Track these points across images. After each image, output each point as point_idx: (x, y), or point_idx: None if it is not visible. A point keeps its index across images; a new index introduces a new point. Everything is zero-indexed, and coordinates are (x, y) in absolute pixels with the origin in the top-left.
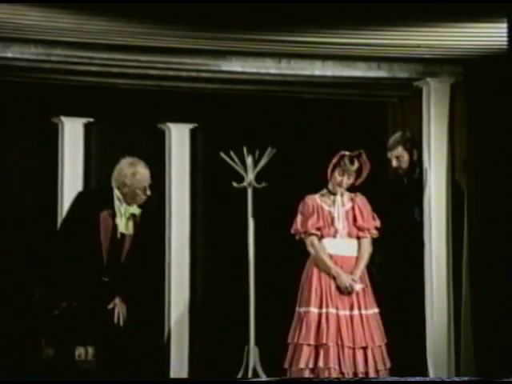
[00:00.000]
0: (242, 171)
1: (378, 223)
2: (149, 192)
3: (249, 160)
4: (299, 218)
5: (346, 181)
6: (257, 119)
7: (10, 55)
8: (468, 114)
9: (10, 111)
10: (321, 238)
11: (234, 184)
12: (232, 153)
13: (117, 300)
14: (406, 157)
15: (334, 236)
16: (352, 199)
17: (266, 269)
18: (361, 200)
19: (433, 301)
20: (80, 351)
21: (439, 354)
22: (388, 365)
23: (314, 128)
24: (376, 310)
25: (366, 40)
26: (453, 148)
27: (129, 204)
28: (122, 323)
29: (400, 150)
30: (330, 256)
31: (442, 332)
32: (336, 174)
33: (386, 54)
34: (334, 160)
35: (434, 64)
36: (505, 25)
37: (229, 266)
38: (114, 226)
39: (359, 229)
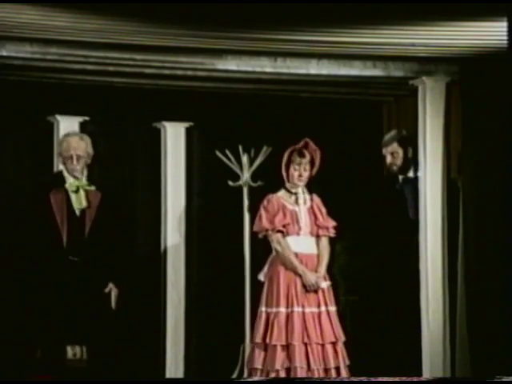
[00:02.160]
0: (237, 170)
1: (334, 222)
2: (75, 162)
3: (244, 159)
4: (264, 216)
5: (303, 173)
6: (252, 118)
7: (5, 54)
8: (463, 112)
9: (5, 110)
10: (286, 235)
11: (230, 183)
12: (228, 151)
13: (111, 284)
14: (400, 153)
15: (298, 234)
16: (311, 198)
17: (261, 267)
18: (318, 199)
19: (428, 300)
20: (75, 350)
21: (434, 354)
22: (346, 362)
23: (309, 126)
24: (335, 308)
25: (361, 39)
26: (448, 146)
27: (75, 178)
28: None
29: (395, 146)
30: (296, 254)
31: (438, 331)
32: (291, 170)
33: (382, 53)
34: (285, 158)
35: (429, 63)
36: (504, 24)
37: (224, 265)
38: (69, 203)
39: (319, 227)
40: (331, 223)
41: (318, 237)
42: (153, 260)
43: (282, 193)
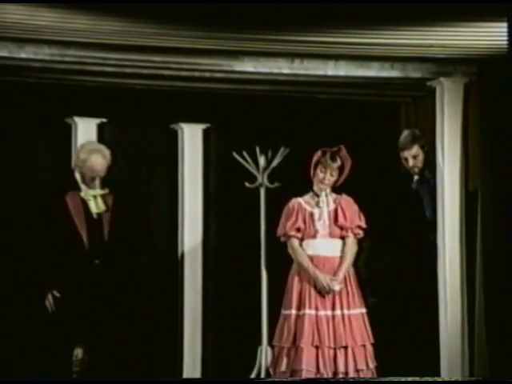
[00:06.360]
0: (254, 171)
1: (362, 223)
2: (97, 182)
3: (261, 160)
4: (282, 221)
5: (329, 177)
6: (269, 119)
7: (23, 56)
8: (481, 113)
9: (24, 112)
10: (302, 239)
11: (247, 184)
12: (245, 153)
13: None
14: (421, 155)
15: (314, 236)
16: (335, 200)
17: (278, 269)
18: (345, 200)
19: (446, 301)
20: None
21: (453, 355)
22: (371, 365)
23: (327, 128)
24: (363, 310)
25: (379, 40)
26: (466, 148)
27: (88, 186)
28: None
29: (416, 149)
30: (310, 257)
31: (456, 333)
32: (318, 171)
33: (400, 54)
34: (315, 157)
35: (447, 64)
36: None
37: (241, 266)
38: (85, 206)
39: (341, 228)
40: (355, 223)
41: (342, 238)
42: (170, 261)
43: (307, 196)
